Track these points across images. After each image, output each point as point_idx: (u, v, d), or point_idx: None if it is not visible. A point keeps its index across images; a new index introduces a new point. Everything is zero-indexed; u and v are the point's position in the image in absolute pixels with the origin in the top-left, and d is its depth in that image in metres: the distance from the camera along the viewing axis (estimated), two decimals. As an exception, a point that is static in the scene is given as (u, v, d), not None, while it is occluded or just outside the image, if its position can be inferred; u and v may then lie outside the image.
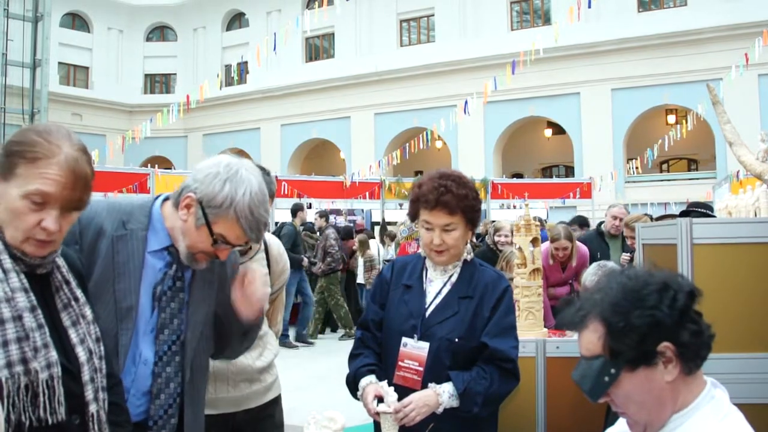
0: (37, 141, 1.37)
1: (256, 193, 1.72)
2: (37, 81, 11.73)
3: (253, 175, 1.75)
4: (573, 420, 3.23)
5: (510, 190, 15.63)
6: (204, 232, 1.72)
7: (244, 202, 1.69)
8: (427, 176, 2.36)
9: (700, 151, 23.00)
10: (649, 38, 21.51)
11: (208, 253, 1.76)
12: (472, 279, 2.34)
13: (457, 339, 2.25)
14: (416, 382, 2.25)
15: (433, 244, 2.29)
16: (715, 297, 2.62)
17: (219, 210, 1.69)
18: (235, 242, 1.75)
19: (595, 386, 1.35)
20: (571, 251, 5.19)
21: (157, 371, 1.77)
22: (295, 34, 20.70)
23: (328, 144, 28.34)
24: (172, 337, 1.80)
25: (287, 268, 2.76)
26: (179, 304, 1.81)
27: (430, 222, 2.29)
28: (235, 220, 1.70)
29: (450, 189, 2.26)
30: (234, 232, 1.72)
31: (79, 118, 28.55)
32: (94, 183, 1.45)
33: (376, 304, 2.45)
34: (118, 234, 1.76)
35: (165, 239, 1.80)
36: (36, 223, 1.37)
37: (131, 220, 1.79)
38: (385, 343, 2.38)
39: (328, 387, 6.70)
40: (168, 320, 1.79)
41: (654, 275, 1.36)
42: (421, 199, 2.31)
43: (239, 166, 1.75)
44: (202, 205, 1.70)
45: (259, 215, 1.72)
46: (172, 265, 1.80)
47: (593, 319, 1.36)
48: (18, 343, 1.32)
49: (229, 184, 1.70)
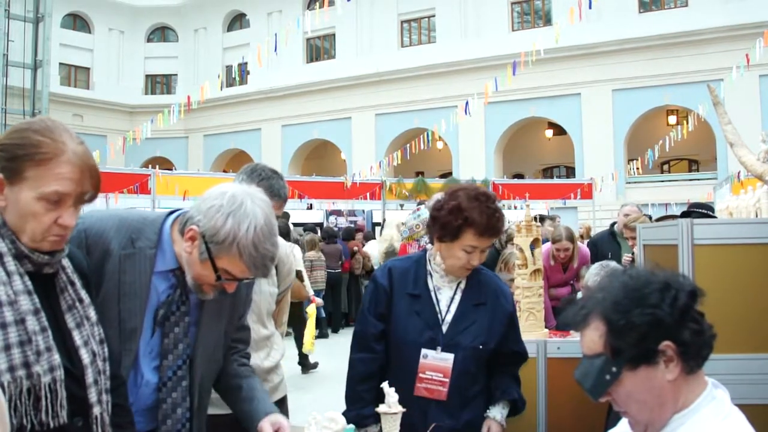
0: (41, 141, 1.36)
1: (261, 227, 1.62)
2: (38, 82, 11.75)
3: (260, 207, 1.65)
4: (574, 421, 3.22)
5: (511, 191, 15.64)
6: (208, 266, 1.64)
7: (247, 238, 1.60)
8: (464, 195, 2.28)
9: (701, 151, 22.98)
10: (650, 39, 21.50)
11: (214, 286, 1.70)
12: (480, 285, 2.37)
13: (481, 346, 2.30)
14: (442, 393, 2.26)
15: (470, 264, 2.29)
16: (716, 298, 2.61)
17: (222, 246, 1.61)
18: (240, 276, 1.67)
19: (597, 385, 1.35)
20: (572, 252, 5.20)
21: (161, 397, 1.73)
22: (295, 35, 20.71)
23: (329, 145, 28.33)
24: (177, 362, 1.75)
25: (293, 269, 2.77)
26: (184, 328, 1.76)
27: (476, 246, 2.26)
28: (238, 257, 1.62)
29: (500, 216, 2.29)
30: (238, 267, 1.64)
31: (80, 118, 28.56)
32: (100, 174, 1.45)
33: (373, 316, 2.36)
34: (126, 252, 1.70)
35: (172, 261, 1.74)
36: (53, 221, 1.37)
37: (141, 238, 1.73)
38: (397, 355, 2.33)
39: (328, 387, 6.70)
40: (172, 345, 1.74)
41: (656, 275, 1.37)
42: (473, 223, 2.24)
43: (244, 197, 1.65)
44: (205, 239, 1.63)
45: (264, 251, 1.63)
46: (177, 288, 1.75)
47: (595, 318, 1.37)
48: (20, 346, 1.31)
49: (232, 218, 1.61)
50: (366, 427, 2.29)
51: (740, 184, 10.36)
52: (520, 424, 3.17)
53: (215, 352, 1.84)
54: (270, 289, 2.56)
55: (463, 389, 2.28)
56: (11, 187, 1.35)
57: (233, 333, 1.93)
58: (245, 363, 2.00)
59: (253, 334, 2.50)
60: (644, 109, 22.16)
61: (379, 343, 2.35)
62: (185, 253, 1.68)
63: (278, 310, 2.75)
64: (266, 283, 2.54)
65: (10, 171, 1.35)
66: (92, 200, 1.44)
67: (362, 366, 2.35)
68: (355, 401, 2.34)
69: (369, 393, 2.30)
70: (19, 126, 1.40)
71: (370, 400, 2.28)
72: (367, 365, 2.34)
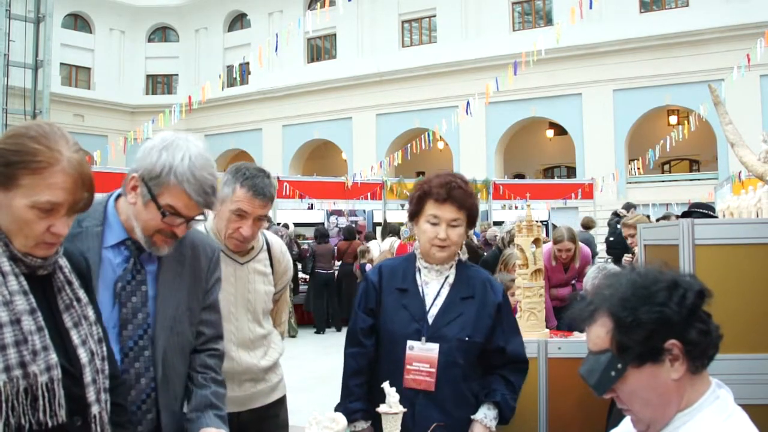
0: (37, 149, 1.35)
1: (195, 156, 1.70)
2: (39, 82, 11.78)
3: (192, 143, 1.73)
4: (575, 421, 3.22)
5: (512, 191, 15.65)
6: (152, 207, 1.69)
7: (183, 166, 1.67)
8: (434, 175, 2.39)
9: (702, 151, 22.98)
10: (651, 39, 21.51)
11: (162, 232, 1.73)
12: (469, 279, 2.38)
13: (467, 338, 2.29)
14: (430, 384, 2.27)
15: (438, 238, 2.30)
16: (717, 298, 2.60)
17: (159, 179, 1.68)
18: (185, 212, 1.71)
19: (602, 381, 1.35)
20: (574, 252, 5.20)
21: (124, 367, 1.72)
22: (296, 35, 20.70)
23: (330, 145, 28.35)
24: (138, 332, 1.76)
25: (290, 267, 2.76)
26: (142, 297, 1.77)
27: (438, 216, 2.30)
28: (177, 185, 1.67)
29: (460, 185, 2.32)
30: (180, 200, 1.69)
31: (81, 119, 28.60)
32: (95, 184, 1.45)
33: (362, 311, 2.42)
34: (73, 232, 1.71)
35: (121, 233, 1.78)
36: (45, 229, 1.37)
37: (86, 218, 1.75)
38: (386, 349, 2.37)
39: (329, 388, 6.69)
40: (130, 315, 1.75)
41: (664, 273, 1.37)
42: (430, 192, 2.32)
43: (175, 137, 1.74)
44: (145, 181, 1.69)
45: (202, 177, 1.69)
46: (130, 259, 1.77)
47: (602, 314, 1.37)
48: (16, 346, 1.31)
49: (165, 152, 1.69)
50: (354, 422, 2.32)
51: (741, 184, 10.35)
52: (522, 424, 3.17)
53: (177, 324, 1.83)
54: (265, 287, 2.56)
55: (452, 383, 2.27)
56: (5, 192, 1.35)
57: (199, 311, 1.90)
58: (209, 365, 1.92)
59: (249, 333, 2.50)
60: (645, 109, 22.17)
61: (369, 338, 2.40)
62: (131, 206, 1.73)
63: (276, 309, 2.74)
64: (261, 281, 2.54)
65: (5, 177, 1.34)
66: (86, 208, 1.44)
67: (352, 361, 2.40)
68: (345, 395, 2.39)
69: (359, 388, 2.36)
70: (16, 131, 1.39)
71: (360, 395, 2.35)
72: (357, 360, 2.39)
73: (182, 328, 1.85)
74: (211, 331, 1.96)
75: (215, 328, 1.98)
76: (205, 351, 1.93)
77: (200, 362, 1.91)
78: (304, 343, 10.16)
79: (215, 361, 1.95)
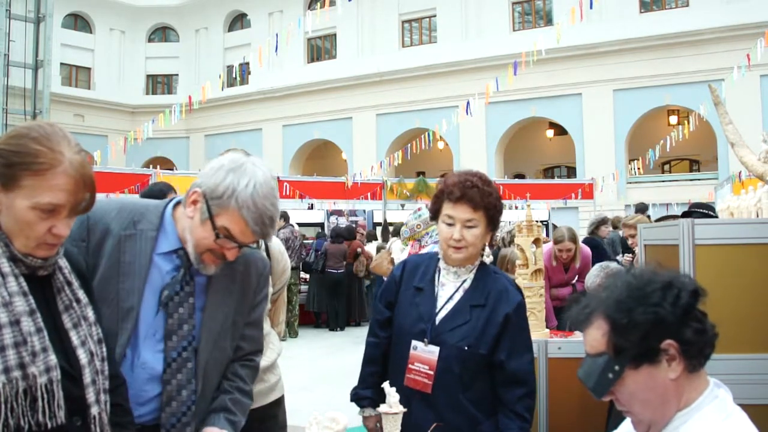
0: (39, 151, 1.34)
1: (260, 184, 1.67)
2: (39, 82, 11.78)
3: (260, 169, 1.70)
4: (575, 420, 3.22)
5: (512, 191, 15.63)
6: (208, 226, 1.67)
7: (246, 193, 1.65)
8: (453, 173, 2.34)
9: (702, 151, 22.97)
10: (651, 39, 21.50)
11: (214, 252, 1.71)
12: (485, 287, 2.30)
13: (467, 347, 2.23)
14: (427, 386, 2.25)
15: (452, 239, 2.24)
16: (717, 298, 2.60)
17: (221, 201, 1.66)
18: (239, 237, 1.68)
19: (600, 383, 1.36)
20: (574, 252, 5.20)
21: (166, 378, 1.72)
22: (296, 35, 20.69)
23: (330, 145, 28.34)
24: (182, 343, 1.74)
25: (288, 268, 2.76)
26: (189, 309, 1.76)
27: (452, 216, 2.25)
28: (237, 211, 1.65)
29: (476, 184, 2.25)
30: (237, 225, 1.66)
31: (81, 119, 28.60)
32: (96, 184, 1.45)
33: (381, 303, 2.46)
34: (127, 233, 1.73)
35: (175, 242, 1.76)
36: (47, 230, 1.37)
37: (142, 221, 1.76)
38: (395, 344, 2.38)
39: (329, 388, 6.70)
40: (176, 326, 1.74)
41: (659, 274, 1.38)
42: (445, 192, 2.28)
43: (246, 160, 1.71)
44: (206, 199, 1.68)
45: (263, 207, 1.67)
46: (180, 268, 1.76)
47: (598, 317, 1.37)
48: (15, 348, 1.31)
49: (232, 174, 1.67)
50: (363, 408, 2.39)
51: (741, 184, 10.35)
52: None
53: (221, 338, 1.81)
54: None
55: (448, 389, 2.23)
56: (7, 193, 1.35)
57: (243, 326, 1.89)
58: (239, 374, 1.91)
59: None
60: (645, 109, 22.15)
61: (384, 329, 2.43)
62: (188, 220, 1.72)
63: (274, 309, 2.75)
64: None
65: (6, 177, 1.34)
66: (87, 210, 1.44)
67: (369, 349, 2.48)
68: (359, 381, 2.46)
69: (372, 376, 2.42)
70: (18, 131, 1.38)
71: (371, 384, 2.39)
72: (372, 349, 2.46)
73: (225, 343, 1.85)
74: (251, 347, 1.95)
75: (256, 343, 1.97)
76: (240, 360, 1.92)
77: (232, 370, 1.90)
78: (304, 343, 10.16)
79: (246, 372, 1.93)
